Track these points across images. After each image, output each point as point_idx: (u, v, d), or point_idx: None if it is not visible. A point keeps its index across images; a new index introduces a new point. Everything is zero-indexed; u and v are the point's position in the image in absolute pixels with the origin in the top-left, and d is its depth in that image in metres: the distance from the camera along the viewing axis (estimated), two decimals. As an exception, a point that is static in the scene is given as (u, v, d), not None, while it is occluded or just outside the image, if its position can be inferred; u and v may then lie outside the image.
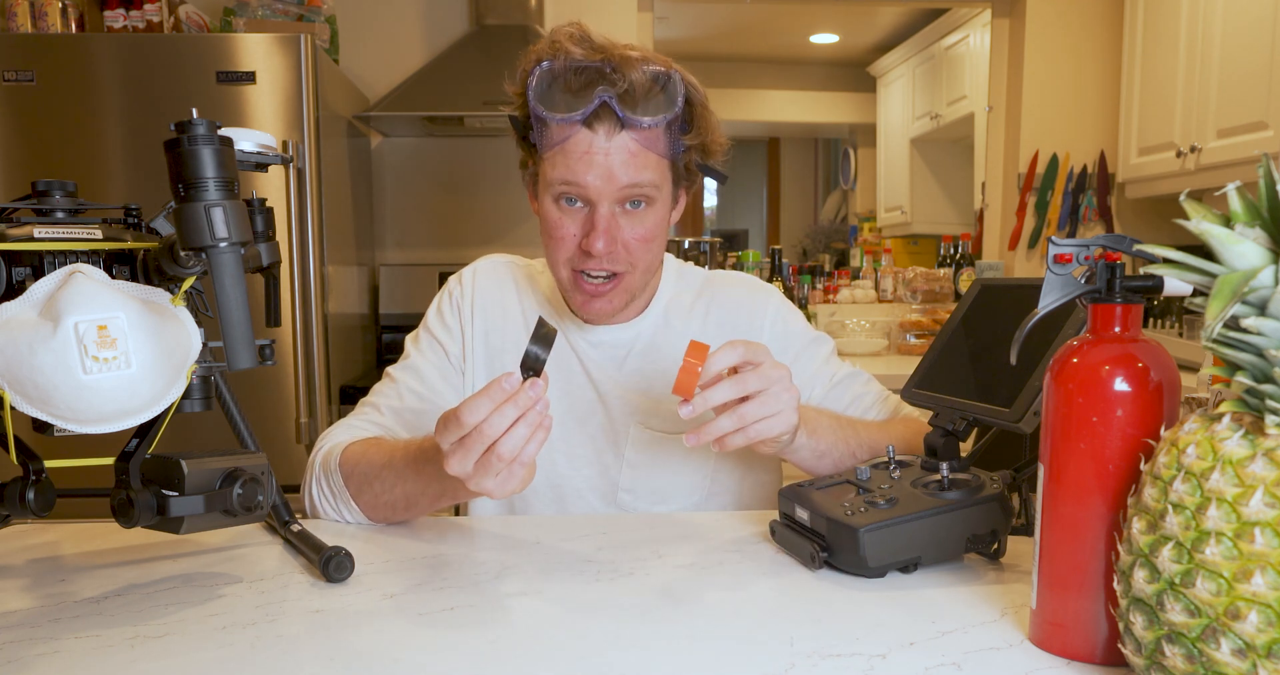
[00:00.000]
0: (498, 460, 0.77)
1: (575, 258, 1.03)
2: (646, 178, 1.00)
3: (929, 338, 3.20)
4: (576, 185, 0.99)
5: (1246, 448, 0.50)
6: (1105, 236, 0.64)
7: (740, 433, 0.86)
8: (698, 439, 0.85)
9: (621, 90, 0.96)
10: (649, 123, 0.98)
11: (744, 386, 0.85)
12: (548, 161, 1.01)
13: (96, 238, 0.77)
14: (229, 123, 1.26)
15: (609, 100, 0.96)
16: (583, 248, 1.01)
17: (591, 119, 0.97)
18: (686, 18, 4.53)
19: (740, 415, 0.85)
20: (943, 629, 0.69)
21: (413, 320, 1.25)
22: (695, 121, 1.03)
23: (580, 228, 1.02)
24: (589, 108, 0.96)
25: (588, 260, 1.02)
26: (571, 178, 0.99)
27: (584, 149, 0.98)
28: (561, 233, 1.02)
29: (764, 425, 0.86)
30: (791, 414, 0.88)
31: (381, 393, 1.14)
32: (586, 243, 1.00)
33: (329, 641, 0.68)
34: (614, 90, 0.96)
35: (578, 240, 1.02)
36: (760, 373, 0.86)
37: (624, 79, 0.96)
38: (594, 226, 1.00)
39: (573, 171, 0.99)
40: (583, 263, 1.03)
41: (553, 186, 1.01)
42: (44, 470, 0.81)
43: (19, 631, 0.70)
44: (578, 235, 1.02)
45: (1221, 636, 0.49)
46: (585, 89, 0.97)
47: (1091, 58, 3.23)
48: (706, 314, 1.17)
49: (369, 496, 0.97)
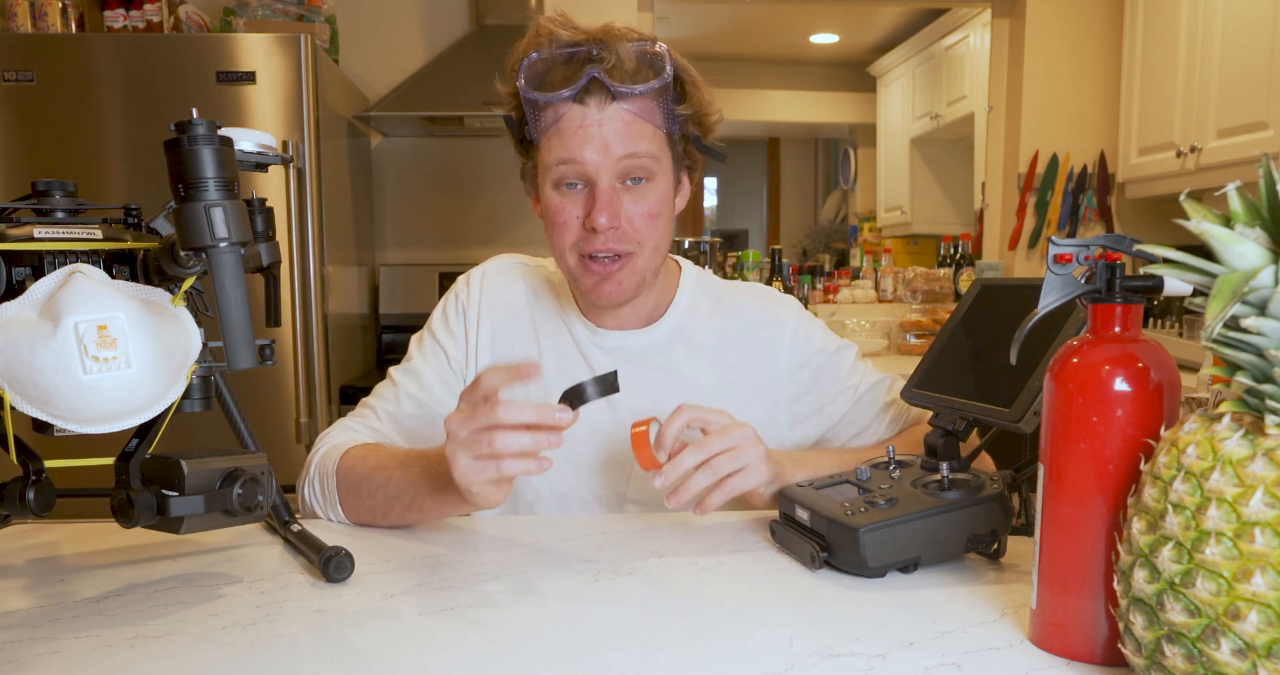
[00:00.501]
0: (487, 445, 0.79)
1: (581, 241, 1.01)
2: (643, 147, 0.99)
3: (929, 338, 3.20)
4: (574, 162, 0.98)
5: (1246, 448, 0.50)
6: (1105, 236, 0.64)
7: (718, 489, 0.89)
8: (679, 500, 0.88)
9: (609, 65, 0.96)
10: (640, 90, 0.97)
11: (708, 449, 0.88)
12: (544, 147, 1.01)
13: (96, 238, 0.77)
14: (229, 123, 1.26)
15: (598, 75, 0.96)
16: (586, 226, 1.00)
17: (582, 94, 0.97)
18: (686, 18, 4.53)
19: (713, 467, 0.88)
20: (943, 629, 0.69)
21: (412, 320, 1.24)
22: (687, 93, 1.02)
23: (582, 208, 1.00)
24: (578, 84, 0.96)
25: (593, 240, 1.00)
26: (568, 155, 0.98)
27: (577, 124, 0.98)
28: (564, 217, 1.01)
29: (736, 480, 0.89)
30: (760, 467, 0.90)
31: (381, 396, 1.13)
32: (590, 220, 0.99)
33: (329, 641, 0.68)
34: (602, 66, 0.96)
35: (581, 222, 1.00)
36: (724, 434, 0.89)
37: (611, 54, 0.96)
38: (596, 202, 0.99)
39: (568, 149, 0.98)
40: (588, 244, 1.01)
41: (551, 170, 1.00)
42: (44, 470, 0.81)
43: (19, 631, 0.70)
44: (580, 217, 1.00)
45: (1221, 636, 0.49)
46: (574, 69, 0.97)
47: (1091, 58, 3.23)
48: (724, 327, 1.14)
49: (354, 501, 0.98)
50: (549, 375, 1.11)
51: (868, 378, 1.15)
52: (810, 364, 1.13)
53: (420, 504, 0.93)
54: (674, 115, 1.02)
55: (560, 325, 1.13)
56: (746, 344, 1.13)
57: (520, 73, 0.99)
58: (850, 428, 1.14)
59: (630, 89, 0.97)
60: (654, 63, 0.99)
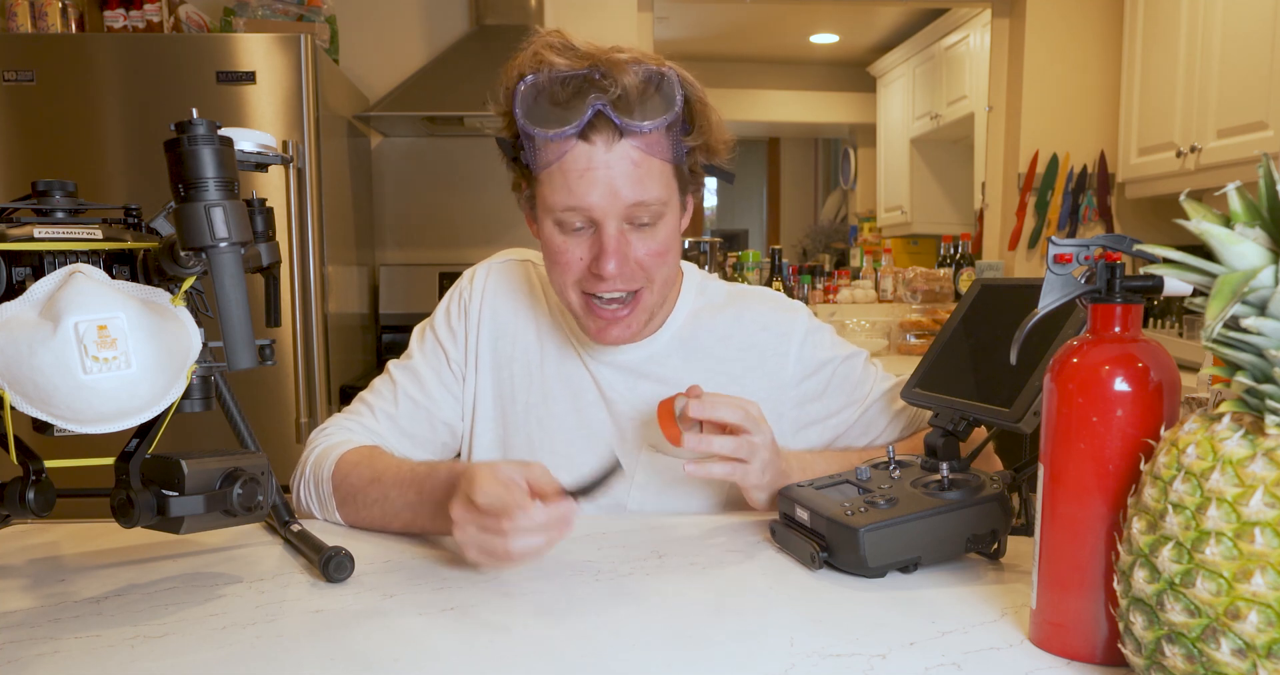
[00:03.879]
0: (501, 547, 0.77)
1: (585, 280, 0.97)
2: (653, 195, 0.94)
3: (929, 338, 3.20)
4: (580, 209, 0.93)
5: (1246, 448, 0.50)
6: (1105, 236, 0.64)
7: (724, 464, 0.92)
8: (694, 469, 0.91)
9: (615, 96, 0.89)
10: (649, 127, 0.91)
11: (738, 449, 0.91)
12: (544, 183, 0.94)
13: (96, 238, 0.77)
14: (229, 123, 1.26)
15: (603, 108, 0.89)
16: (592, 271, 0.95)
17: (587, 130, 0.90)
18: (686, 18, 4.53)
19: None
20: (943, 629, 0.69)
21: (412, 320, 1.23)
22: (696, 120, 0.96)
23: (588, 251, 0.95)
24: (583, 119, 0.89)
25: (599, 283, 0.96)
26: (573, 202, 0.92)
27: (584, 166, 0.91)
28: (567, 258, 0.96)
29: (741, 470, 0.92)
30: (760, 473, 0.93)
31: (380, 393, 1.12)
32: (596, 266, 0.94)
33: (329, 641, 0.68)
34: (607, 97, 0.89)
35: (585, 264, 0.96)
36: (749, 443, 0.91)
37: (615, 84, 0.89)
38: (603, 249, 0.93)
39: (574, 194, 0.92)
40: (594, 286, 0.96)
41: (553, 212, 0.95)
42: (44, 470, 0.81)
43: (19, 631, 0.70)
44: (585, 259, 0.96)
45: (1221, 636, 0.49)
46: (576, 99, 0.90)
47: (1091, 58, 3.23)
48: (728, 334, 1.10)
49: (349, 509, 0.98)
50: (551, 381, 1.11)
51: (878, 386, 1.12)
52: (818, 374, 1.10)
53: (418, 525, 0.93)
54: (683, 146, 0.96)
55: (562, 329, 1.12)
56: (753, 352, 1.10)
57: (516, 99, 0.92)
58: (861, 438, 1.12)
59: (639, 126, 0.90)
60: (663, 89, 0.92)
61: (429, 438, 1.12)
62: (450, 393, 1.12)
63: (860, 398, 1.11)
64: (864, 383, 1.12)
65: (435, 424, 1.12)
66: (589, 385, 1.09)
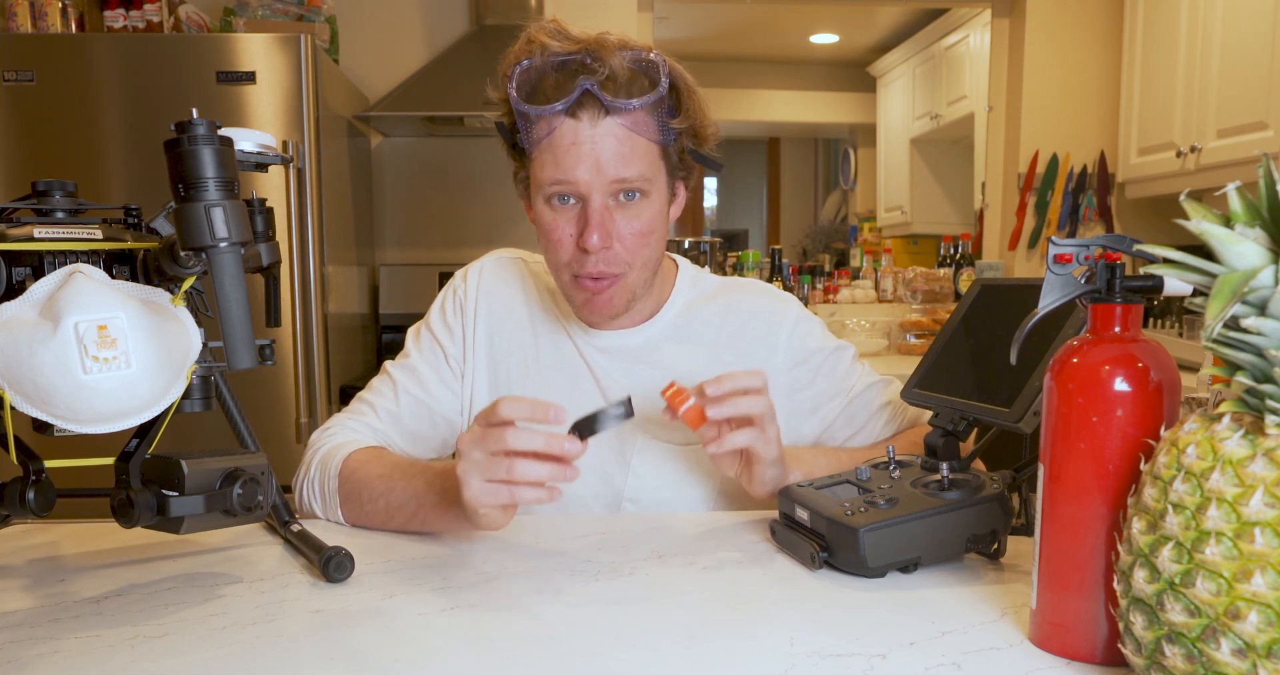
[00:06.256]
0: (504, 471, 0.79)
1: (574, 261, 1.01)
2: (636, 172, 0.98)
3: (929, 338, 3.20)
4: (566, 182, 0.97)
5: (1246, 448, 0.50)
6: (1105, 236, 0.64)
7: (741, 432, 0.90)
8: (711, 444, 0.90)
9: (603, 77, 0.94)
10: (635, 104, 0.95)
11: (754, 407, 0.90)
12: (536, 161, 1.00)
13: (96, 238, 0.77)
14: (229, 123, 1.26)
15: (590, 88, 0.94)
16: (579, 246, 0.99)
17: (575, 108, 0.95)
18: (686, 18, 4.53)
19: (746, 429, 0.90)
20: (943, 629, 0.69)
21: (412, 320, 1.24)
22: (682, 104, 1.00)
23: (575, 226, 0.99)
24: (571, 97, 0.94)
25: (585, 261, 1.00)
26: (560, 175, 0.97)
27: (570, 140, 0.96)
28: (558, 234, 1.00)
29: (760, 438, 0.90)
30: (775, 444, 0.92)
31: (380, 392, 1.13)
32: (582, 240, 0.98)
33: (329, 641, 0.68)
34: (595, 78, 0.94)
35: (574, 240, 1.00)
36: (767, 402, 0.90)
37: (604, 65, 0.94)
38: (588, 221, 0.98)
39: (560, 168, 0.97)
40: (581, 265, 1.00)
41: (544, 187, 0.99)
42: (44, 470, 0.81)
43: (19, 631, 0.70)
44: (574, 235, 1.00)
45: (1221, 636, 0.49)
46: (566, 81, 0.95)
47: (1091, 58, 3.23)
48: (721, 323, 1.13)
49: (353, 506, 0.98)
50: (547, 373, 1.11)
51: (863, 379, 1.14)
52: (807, 362, 1.13)
53: (421, 517, 0.93)
54: (669, 128, 1.00)
55: (557, 323, 1.13)
56: (744, 340, 1.12)
57: (512, 81, 0.97)
58: (845, 430, 1.13)
59: (624, 103, 0.95)
60: (649, 72, 0.97)
61: (430, 434, 1.13)
62: (450, 389, 1.13)
63: (846, 389, 1.13)
64: (850, 375, 1.14)
65: (436, 420, 1.13)
66: (584, 373, 1.11)
